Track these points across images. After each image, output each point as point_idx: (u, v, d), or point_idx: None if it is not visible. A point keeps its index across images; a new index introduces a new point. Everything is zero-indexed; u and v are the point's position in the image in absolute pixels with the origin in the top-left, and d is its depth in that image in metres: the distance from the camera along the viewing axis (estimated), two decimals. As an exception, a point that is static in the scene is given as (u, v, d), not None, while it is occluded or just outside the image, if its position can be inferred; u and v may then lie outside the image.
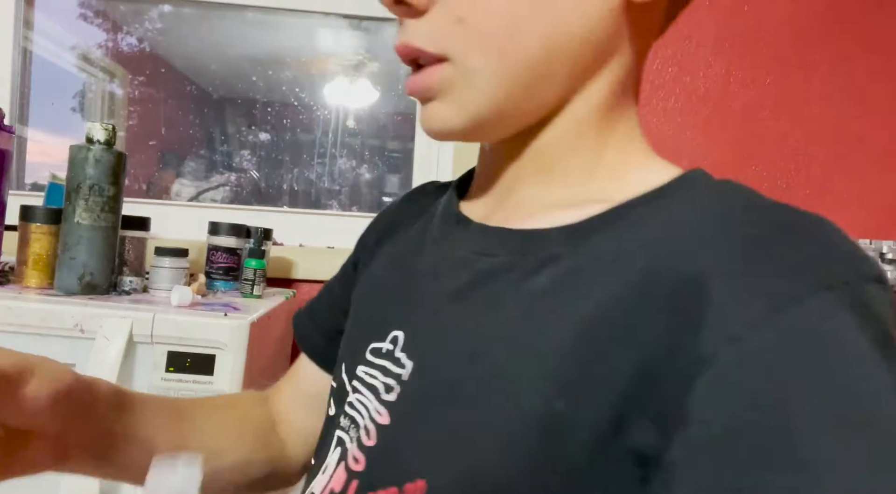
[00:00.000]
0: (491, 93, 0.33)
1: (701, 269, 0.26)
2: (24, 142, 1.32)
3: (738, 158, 1.20)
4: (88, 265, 0.78)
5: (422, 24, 0.33)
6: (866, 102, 1.20)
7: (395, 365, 0.36)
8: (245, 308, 0.80)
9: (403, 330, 0.37)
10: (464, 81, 0.33)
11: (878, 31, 1.20)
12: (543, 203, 0.35)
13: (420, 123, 0.37)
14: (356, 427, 0.36)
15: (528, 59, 0.32)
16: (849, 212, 1.21)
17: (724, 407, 0.23)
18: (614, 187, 0.34)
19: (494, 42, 0.32)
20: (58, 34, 1.34)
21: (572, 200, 0.34)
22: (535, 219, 0.34)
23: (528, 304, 0.30)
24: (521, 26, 0.31)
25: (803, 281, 0.24)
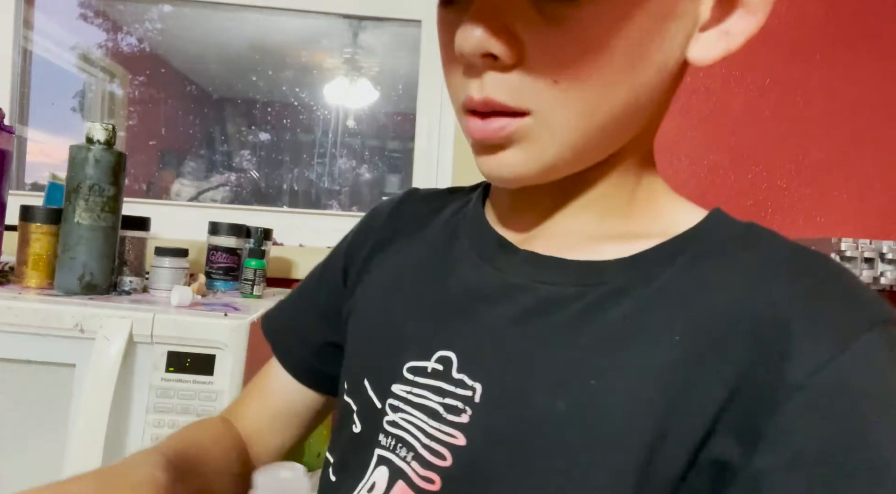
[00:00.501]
0: (568, 147, 0.34)
1: (781, 311, 0.30)
2: (24, 142, 1.32)
3: (738, 158, 1.21)
4: (88, 265, 0.78)
5: (507, 80, 0.32)
6: (866, 102, 1.20)
7: (455, 386, 0.36)
8: (245, 308, 0.80)
9: (454, 352, 0.37)
10: (543, 135, 0.33)
11: (878, 31, 1.20)
12: (588, 235, 0.38)
13: (482, 169, 0.36)
14: (409, 447, 0.37)
15: (610, 119, 0.34)
16: (849, 212, 1.21)
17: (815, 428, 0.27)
18: (652, 224, 0.37)
19: (584, 105, 0.33)
20: (58, 34, 1.34)
21: (615, 234, 0.37)
22: (584, 250, 0.36)
23: (609, 335, 0.33)
24: (611, 91, 0.33)
25: (857, 321, 0.30)
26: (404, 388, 0.38)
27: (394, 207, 0.50)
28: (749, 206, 1.21)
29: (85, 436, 0.64)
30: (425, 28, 1.28)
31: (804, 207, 1.21)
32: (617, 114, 0.33)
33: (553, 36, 0.31)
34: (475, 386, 0.35)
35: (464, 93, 0.34)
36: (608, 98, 0.33)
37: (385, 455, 0.38)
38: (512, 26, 0.31)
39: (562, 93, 0.32)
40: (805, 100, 1.20)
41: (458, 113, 0.36)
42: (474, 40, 0.31)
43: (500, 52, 0.31)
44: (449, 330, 0.38)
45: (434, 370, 0.37)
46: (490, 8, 0.31)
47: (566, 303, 0.35)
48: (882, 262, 0.97)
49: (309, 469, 1.08)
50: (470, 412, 0.35)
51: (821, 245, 1.00)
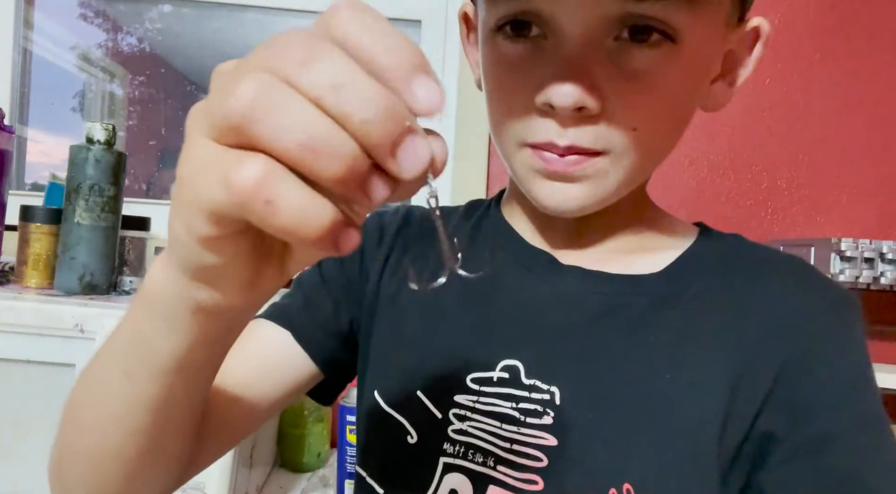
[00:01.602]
0: (630, 182, 0.39)
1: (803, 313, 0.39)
2: (24, 142, 1.32)
3: (738, 158, 1.21)
4: (88, 265, 0.78)
5: (590, 126, 0.35)
6: (866, 102, 1.20)
7: (528, 391, 0.40)
8: (245, 308, 0.80)
9: (519, 360, 0.41)
10: (612, 172, 0.37)
11: (878, 30, 1.20)
12: (614, 249, 0.43)
13: (541, 196, 0.38)
14: (486, 453, 0.39)
15: (663, 155, 0.40)
16: (849, 212, 1.21)
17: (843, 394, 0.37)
18: (660, 236, 0.44)
19: (653, 146, 0.38)
20: (58, 34, 1.34)
21: (635, 247, 0.43)
22: (617, 264, 0.42)
23: (670, 335, 0.39)
24: (673, 134, 0.39)
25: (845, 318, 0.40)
26: (470, 398, 0.41)
27: (401, 221, 0.51)
28: (749, 206, 1.21)
29: (85, 436, 0.64)
30: (425, 28, 1.28)
31: (804, 207, 1.21)
32: (666, 153, 0.40)
33: (632, 89, 0.35)
34: (552, 390, 0.39)
35: (540, 135, 0.36)
36: (671, 139, 0.39)
37: (454, 462, 0.40)
38: (597, 81, 0.34)
39: (638, 137, 0.36)
40: (805, 100, 1.20)
41: (515, 147, 0.38)
42: (571, 98, 0.33)
43: (592, 107, 0.34)
44: (510, 340, 0.42)
45: (500, 378, 0.41)
46: (579, 64, 0.34)
47: (622, 310, 0.40)
48: (882, 262, 0.97)
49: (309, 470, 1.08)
50: (553, 414, 0.39)
51: (821, 245, 1.00)
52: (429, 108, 0.19)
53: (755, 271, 0.41)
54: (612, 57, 0.34)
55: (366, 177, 0.19)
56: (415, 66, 0.19)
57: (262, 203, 0.18)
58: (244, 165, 0.18)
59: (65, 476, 0.34)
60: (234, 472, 0.71)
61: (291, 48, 0.18)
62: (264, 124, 0.17)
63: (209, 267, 0.22)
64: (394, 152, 0.18)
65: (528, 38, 0.36)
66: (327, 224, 0.18)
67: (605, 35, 0.34)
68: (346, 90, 0.17)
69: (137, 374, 0.28)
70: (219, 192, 0.18)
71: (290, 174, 0.18)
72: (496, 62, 0.38)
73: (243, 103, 0.17)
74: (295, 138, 0.17)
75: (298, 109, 0.17)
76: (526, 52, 0.36)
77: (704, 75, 0.39)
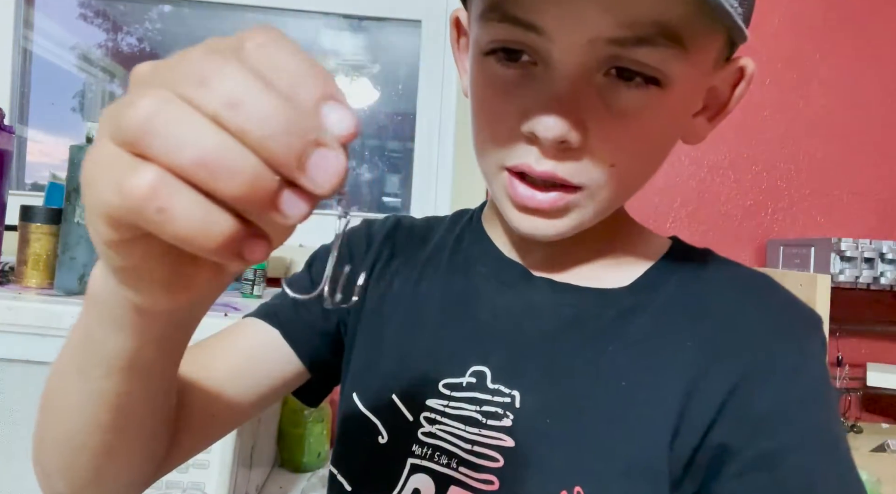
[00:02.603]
0: (605, 212, 0.39)
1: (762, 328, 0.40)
2: (24, 142, 1.32)
3: (738, 158, 1.21)
4: (88, 265, 0.78)
5: (571, 160, 0.36)
6: (866, 102, 1.20)
7: (492, 395, 0.41)
8: (245, 308, 0.80)
9: (488, 366, 0.42)
10: (589, 205, 0.38)
11: (877, 30, 1.20)
12: (588, 262, 0.44)
13: (519, 226, 0.39)
14: (450, 455, 0.41)
15: (636, 190, 0.40)
16: (849, 212, 1.21)
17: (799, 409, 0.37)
18: (632, 248, 0.45)
19: (629, 181, 0.39)
20: (58, 34, 1.34)
21: (608, 260, 0.44)
22: (589, 278, 0.44)
23: (632, 344, 0.40)
24: (650, 168, 0.40)
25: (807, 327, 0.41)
26: (441, 402, 0.42)
27: (389, 229, 0.52)
28: (749, 206, 1.21)
29: (85, 436, 0.64)
30: (425, 28, 1.28)
31: (804, 207, 1.21)
32: (639, 187, 0.40)
33: (615, 127, 0.35)
34: (514, 394, 0.41)
35: (520, 158, 0.36)
36: (647, 174, 0.40)
37: (421, 463, 0.42)
38: (583, 116, 0.34)
39: (615, 172, 0.36)
40: (805, 100, 1.20)
41: (495, 169, 0.39)
42: (556, 131, 0.34)
43: (574, 141, 0.34)
44: (481, 348, 0.43)
45: (468, 383, 0.42)
46: (567, 98, 0.34)
47: (589, 321, 0.42)
48: (882, 262, 0.97)
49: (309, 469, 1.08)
50: (512, 416, 0.40)
51: (821, 245, 1.00)
52: (339, 126, 0.19)
53: (720, 286, 0.43)
54: (601, 93, 0.35)
55: (275, 194, 0.18)
56: (325, 89, 0.19)
57: (155, 211, 0.18)
58: (137, 173, 0.18)
59: (43, 462, 0.35)
60: (234, 472, 0.71)
61: (194, 65, 0.18)
62: (158, 140, 0.17)
63: (123, 268, 0.22)
64: (302, 167, 0.18)
65: (518, 63, 0.36)
66: (225, 235, 0.18)
67: (595, 71, 0.34)
68: (244, 107, 0.17)
69: (90, 372, 0.28)
70: (113, 197, 0.18)
71: (184, 185, 0.18)
72: (484, 84, 0.38)
73: (139, 119, 0.18)
74: (188, 155, 0.17)
75: (193, 126, 0.17)
76: (515, 78, 0.36)
77: (687, 112, 0.40)
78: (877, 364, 1.16)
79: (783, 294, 0.43)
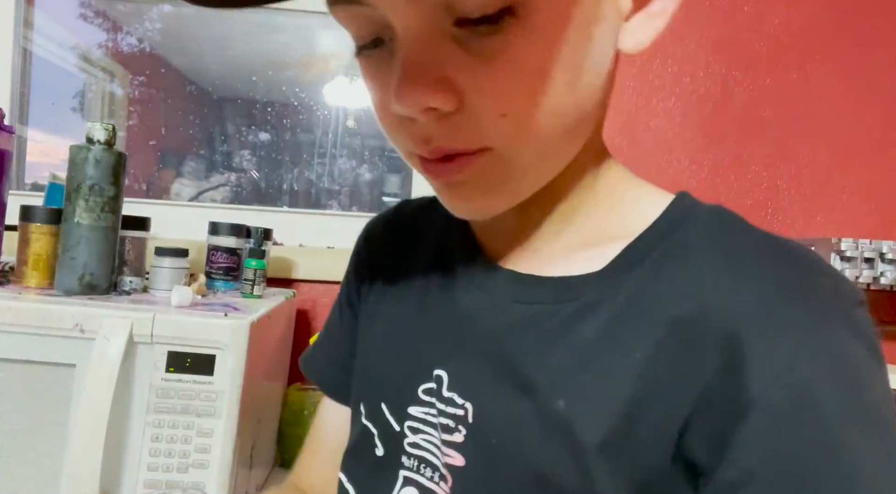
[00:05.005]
0: (529, 172, 0.34)
1: (735, 321, 0.30)
2: (24, 142, 1.32)
3: (738, 158, 1.21)
4: (88, 265, 0.78)
5: (454, 126, 0.31)
6: (866, 102, 1.20)
7: (447, 405, 0.38)
8: (245, 308, 0.80)
9: (446, 370, 0.39)
10: (504, 166, 0.33)
11: (877, 30, 1.20)
12: (560, 245, 0.38)
13: (449, 208, 0.36)
14: (433, 467, 0.38)
15: (563, 135, 0.33)
16: (849, 212, 1.21)
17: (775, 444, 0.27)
18: (617, 220, 0.37)
19: (537, 130, 0.32)
20: (58, 34, 1.34)
21: (585, 239, 0.38)
22: (558, 264, 0.37)
23: (582, 350, 0.34)
24: (561, 107, 0.32)
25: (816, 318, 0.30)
26: (421, 410, 0.40)
27: (387, 223, 0.51)
28: (749, 206, 1.21)
29: (85, 436, 0.64)
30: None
31: (804, 207, 1.21)
32: (569, 128, 0.33)
33: (489, 73, 0.30)
34: (467, 406, 0.37)
35: (410, 143, 0.33)
36: (557, 116, 0.32)
37: (411, 476, 0.39)
38: (446, 74, 0.30)
39: (512, 124, 0.31)
40: (805, 100, 1.20)
41: (409, 160, 0.35)
42: (411, 101, 0.30)
43: (440, 105, 0.30)
44: (442, 349, 0.40)
45: (431, 388, 0.39)
46: (420, 62, 0.30)
47: (544, 320, 0.36)
48: (882, 262, 0.97)
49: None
50: (464, 431, 0.36)
51: (821, 245, 1.00)
52: None
53: (716, 265, 0.33)
54: (461, 43, 0.30)
55: None
56: None
57: None
58: None
59: None
60: (234, 472, 0.71)
61: None
62: None
63: None
64: None
65: (378, 48, 0.33)
66: None
67: (442, 23, 0.29)
68: None
69: None
70: None
71: None
72: (364, 78, 0.35)
73: None
74: None
75: None
76: (380, 63, 0.33)
77: (590, 27, 0.31)
78: (877, 364, 1.16)
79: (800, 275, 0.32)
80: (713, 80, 1.19)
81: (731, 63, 1.19)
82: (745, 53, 1.19)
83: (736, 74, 1.19)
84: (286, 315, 1.00)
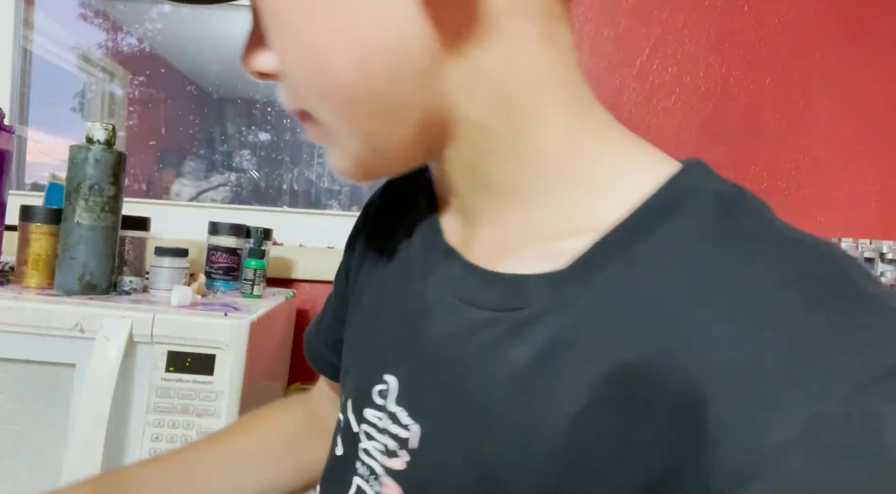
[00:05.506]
0: (349, 136, 0.30)
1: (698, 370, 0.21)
2: (24, 142, 1.32)
3: (738, 158, 1.20)
4: (88, 265, 0.78)
5: (283, 87, 0.32)
6: (866, 102, 1.20)
7: (393, 422, 0.32)
8: (245, 308, 0.80)
9: (396, 376, 0.33)
10: (322, 129, 0.31)
11: (878, 30, 1.20)
12: (522, 235, 0.31)
13: None
14: (379, 482, 0.33)
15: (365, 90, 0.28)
16: (849, 212, 1.21)
17: None
18: (587, 206, 0.29)
19: (320, 90, 0.29)
20: (58, 34, 1.34)
21: (548, 230, 0.30)
22: (515, 256, 0.30)
23: (508, 381, 0.27)
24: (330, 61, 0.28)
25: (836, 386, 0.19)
26: (375, 414, 0.34)
27: (387, 189, 0.47)
28: (749, 206, 1.21)
29: (85, 436, 0.64)
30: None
31: (804, 207, 1.21)
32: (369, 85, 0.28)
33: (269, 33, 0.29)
34: (412, 427, 0.31)
35: None
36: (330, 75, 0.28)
37: (362, 485, 0.34)
38: (264, 37, 0.30)
39: (299, 85, 0.29)
40: (805, 100, 1.20)
41: None
42: (244, 66, 0.31)
43: (263, 66, 0.30)
44: (396, 350, 0.35)
45: (384, 391, 0.34)
46: (252, 28, 0.31)
47: (492, 327, 0.29)
48: (882, 262, 0.97)
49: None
50: (407, 458, 0.31)
51: (821, 245, 1.00)
52: None
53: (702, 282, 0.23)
54: None
55: None
56: None
57: None
58: None
59: None
60: (234, 472, 0.71)
61: None
62: None
63: None
64: None
65: None
66: None
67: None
68: None
69: None
70: None
71: None
72: None
73: None
74: None
75: None
76: None
77: None
78: (877, 364, 1.16)
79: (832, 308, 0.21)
80: (713, 80, 1.19)
81: (731, 63, 1.19)
82: (745, 53, 1.19)
83: (736, 74, 1.19)
84: (286, 315, 1.00)
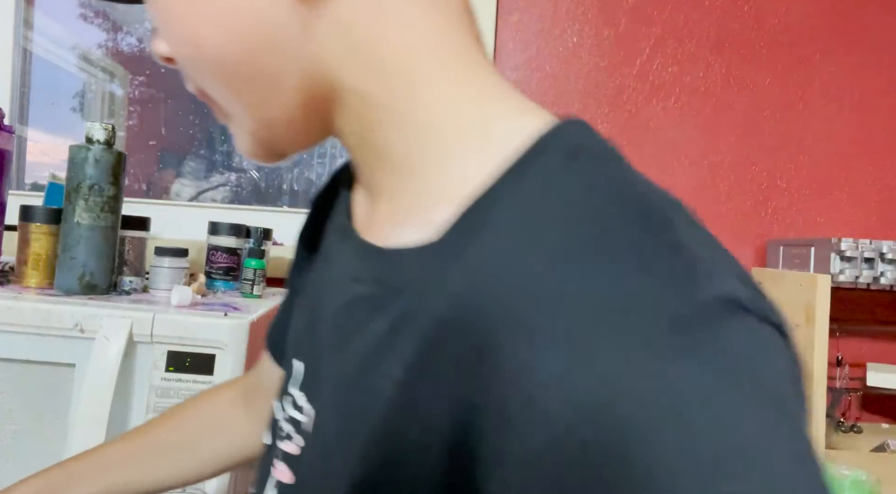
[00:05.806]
0: (240, 111, 0.31)
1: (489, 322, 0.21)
2: (24, 142, 1.32)
3: (738, 158, 1.20)
4: (88, 265, 0.78)
5: None
6: (866, 102, 1.20)
7: (294, 408, 0.32)
8: (245, 308, 0.80)
9: (303, 361, 0.33)
10: (215, 105, 0.33)
11: (878, 30, 1.20)
12: (409, 204, 0.29)
13: None
14: None
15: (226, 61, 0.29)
16: (848, 212, 1.21)
17: None
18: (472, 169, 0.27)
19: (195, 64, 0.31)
20: (58, 34, 1.34)
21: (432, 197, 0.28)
22: (401, 228, 0.29)
23: (362, 358, 0.27)
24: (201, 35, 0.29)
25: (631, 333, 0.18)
26: (287, 401, 0.34)
27: (324, 187, 0.45)
28: (749, 206, 1.21)
29: (85, 436, 0.64)
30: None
31: (804, 207, 1.21)
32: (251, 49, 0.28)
33: None
34: (308, 410, 0.30)
35: None
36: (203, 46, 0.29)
37: (278, 478, 0.34)
38: None
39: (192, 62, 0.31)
40: (805, 100, 1.20)
41: None
42: (153, 50, 0.33)
43: (158, 51, 0.32)
44: (304, 335, 0.35)
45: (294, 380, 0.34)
46: None
47: (357, 307, 0.29)
48: (882, 262, 0.97)
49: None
50: (302, 443, 0.30)
51: (821, 245, 1.00)
52: None
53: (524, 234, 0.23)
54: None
55: None
56: None
57: None
58: None
59: None
60: (234, 472, 0.71)
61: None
62: None
63: None
64: None
65: None
66: None
67: None
68: None
69: None
70: None
71: None
72: None
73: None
74: None
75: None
76: None
77: None
78: (877, 364, 1.16)
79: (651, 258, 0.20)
80: (713, 80, 1.19)
81: (731, 63, 1.19)
82: (745, 53, 1.19)
83: (736, 74, 1.19)
84: (286, 315, 1.00)
